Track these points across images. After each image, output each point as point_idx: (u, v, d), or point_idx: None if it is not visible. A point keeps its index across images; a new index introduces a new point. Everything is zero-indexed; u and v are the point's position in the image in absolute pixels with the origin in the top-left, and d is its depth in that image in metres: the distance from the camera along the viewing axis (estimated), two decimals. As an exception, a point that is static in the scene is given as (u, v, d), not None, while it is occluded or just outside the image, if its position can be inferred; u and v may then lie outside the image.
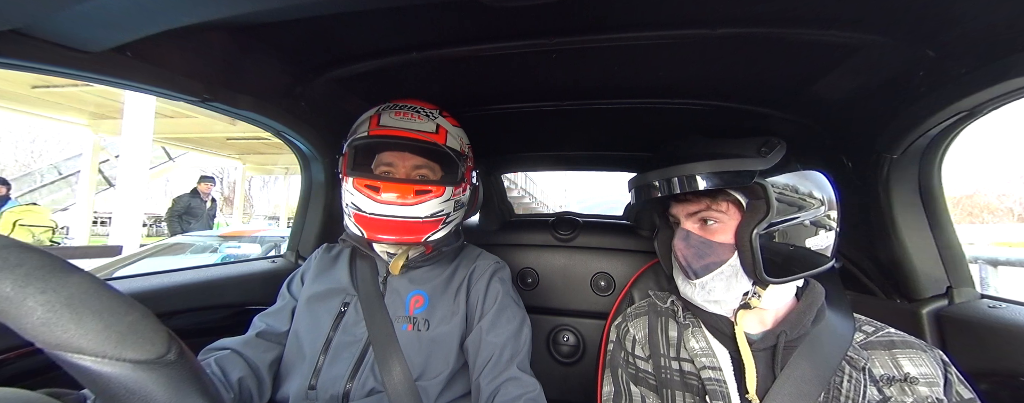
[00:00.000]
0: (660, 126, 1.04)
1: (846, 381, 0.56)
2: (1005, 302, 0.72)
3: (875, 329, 0.63)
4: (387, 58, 0.74)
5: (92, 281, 0.28)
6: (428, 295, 0.78)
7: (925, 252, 0.76)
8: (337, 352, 0.72)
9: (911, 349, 0.58)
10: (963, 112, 0.61)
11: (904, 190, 0.76)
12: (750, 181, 0.58)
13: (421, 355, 0.72)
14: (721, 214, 0.62)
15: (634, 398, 0.67)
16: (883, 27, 0.56)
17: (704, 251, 0.62)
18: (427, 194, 0.73)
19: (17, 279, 0.25)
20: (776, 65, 0.71)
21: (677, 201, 0.66)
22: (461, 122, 0.84)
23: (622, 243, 1.25)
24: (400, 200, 0.71)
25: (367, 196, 0.72)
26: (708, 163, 0.60)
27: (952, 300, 0.74)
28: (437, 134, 0.75)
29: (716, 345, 0.64)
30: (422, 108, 0.77)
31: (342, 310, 0.76)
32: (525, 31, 0.64)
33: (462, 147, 0.80)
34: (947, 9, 0.49)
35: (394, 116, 0.74)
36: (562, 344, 1.22)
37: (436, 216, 0.75)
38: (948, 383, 0.55)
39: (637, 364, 0.70)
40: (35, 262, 0.27)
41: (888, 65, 0.62)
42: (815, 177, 0.63)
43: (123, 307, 0.28)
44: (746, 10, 0.56)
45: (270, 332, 0.77)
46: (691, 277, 0.63)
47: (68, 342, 0.25)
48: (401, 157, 0.77)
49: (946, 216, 0.76)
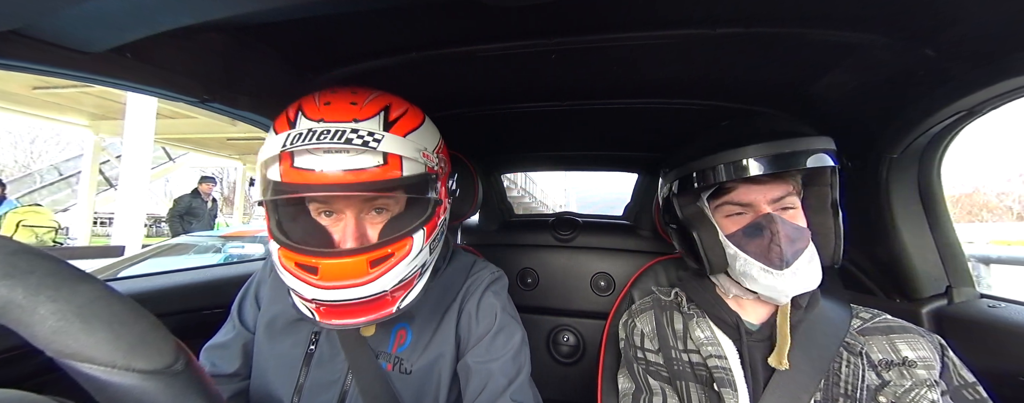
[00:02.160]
0: (660, 126, 1.04)
1: (845, 366, 0.57)
2: (1005, 302, 0.72)
3: (872, 316, 0.64)
4: (387, 58, 0.74)
5: (102, 289, 0.28)
6: (412, 329, 0.64)
7: (925, 252, 0.76)
8: (312, 395, 0.60)
9: (909, 334, 0.59)
10: (962, 111, 0.61)
11: (904, 189, 0.76)
12: (838, 161, 0.60)
13: (410, 397, 0.60)
14: (796, 198, 0.62)
15: (654, 391, 0.66)
16: (883, 26, 0.56)
17: (796, 236, 0.59)
18: (387, 261, 0.50)
19: (29, 287, 0.25)
20: (776, 65, 0.71)
21: (753, 184, 0.60)
22: (461, 122, 0.81)
23: (622, 243, 1.25)
24: (348, 282, 0.49)
25: (299, 279, 0.49)
26: (820, 139, 0.59)
27: (952, 300, 0.74)
28: (385, 166, 0.50)
29: (720, 335, 0.64)
30: (358, 124, 0.50)
31: (312, 341, 0.62)
32: (525, 31, 0.64)
33: (429, 162, 0.54)
34: (946, 9, 0.49)
35: (314, 152, 0.48)
36: (562, 344, 1.22)
37: (407, 278, 0.53)
38: (945, 367, 0.56)
39: (648, 358, 0.70)
40: (46, 268, 0.26)
41: (888, 64, 0.62)
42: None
43: (133, 316, 0.28)
44: (746, 9, 0.56)
45: (217, 373, 0.64)
46: (781, 266, 0.57)
47: (79, 352, 0.25)
48: (346, 198, 0.54)
49: (946, 215, 0.77)
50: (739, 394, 0.59)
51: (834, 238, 0.62)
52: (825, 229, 0.62)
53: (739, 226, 0.62)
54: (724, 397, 0.59)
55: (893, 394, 0.54)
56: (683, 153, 0.68)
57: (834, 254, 0.62)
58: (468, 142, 1.16)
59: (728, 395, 0.59)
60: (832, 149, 0.60)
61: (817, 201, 0.64)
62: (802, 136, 0.59)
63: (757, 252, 0.59)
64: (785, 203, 0.61)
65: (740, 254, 0.61)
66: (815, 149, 0.58)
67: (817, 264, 0.60)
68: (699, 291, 0.70)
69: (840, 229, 0.62)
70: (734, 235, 0.62)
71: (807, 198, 0.65)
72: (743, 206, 0.62)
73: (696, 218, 0.66)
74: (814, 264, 0.60)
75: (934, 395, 0.53)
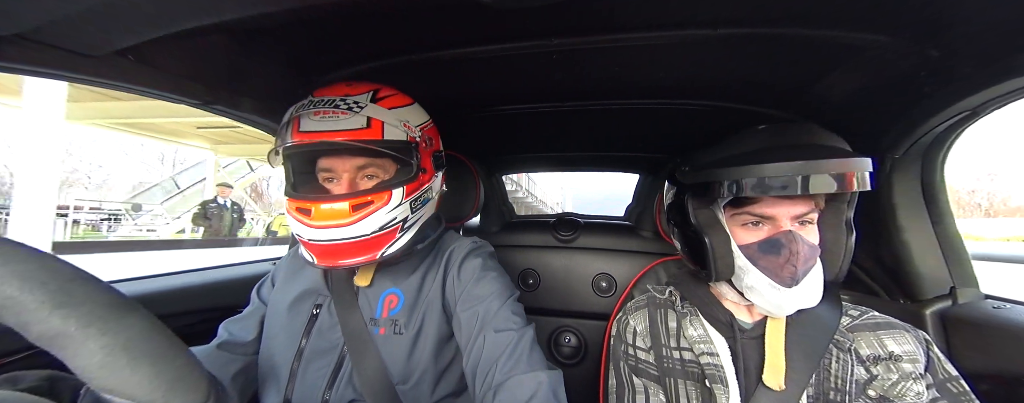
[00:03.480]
0: (663, 127, 1.04)
1: (834, 362, 0.59)
2: (1010, 302, 0.72)
3: (860, 313, 0.64)
4: (388, 60, 0.74)
5: (148, 322, 0.28)
6: (403, 293, 0.70)
7: (928, 252, 0.76)
8: (311, 360, 0.66)
9: (895, 329, 0.60)
10: (965, 112, 0.61)
11: (907, 190, 0.75)
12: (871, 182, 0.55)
13: (400, 359, 0.65)
14: (816, 213, 0.60)
15: (636, 389, 0.68)
16: (886, 27, 0.56)
17: (809, 255, 0.57)
18: (367, 207, 0.61)
19: (81, 318, 0.25)
20: (778, 65, 0.70)
21: (779, 199, 0.58)
22: (462, 124, 0.83)
23: (623, 244, 1.25)
24: (335, 222, 0.60)
25: (300, 221, 0.61)
26: (863, 160, 0.54)
27: (956, 301, 0.74)
28: (368, 129, 0.61)
29: (714, 333, 0.65)
30: (347, 97, 0.63)
31: (314, 313, 0.70)
32: (526, 32, 0.65)
33: (411, 134, 0.66)
34: (950, 9, 0.49)
35: (313, 117, 0.61)
36: (564, 345, 1.22)
37: (388, 227, 0.63)
38: (930, 361, 0.57)
39: (638, 355, 0.71)
40: (98, 299, 0.27)
41: (891, 65, 0.61)
42: None
43: (173, 351, 0.28)
44: (748, 10, 0.56)
45: (234, 342, 0.72)
46: (791, 284, 0.57)
47: (122, 388, 0.25)
48: (340, 161, 0.65)
49: (949, 215, 0.76)
50: (730, 391, 0.59)
51: (842, 255, 0.60)
52: (836, 246, 0.61)
53: (755, 239, 0.59)
54: (716, 393, 0.60)
55: (881, 387, 0.56)
56: (707, 157, 0.64)
57: (839, 271, 0.61)
58: (470, 144, 1.16)
59: (720, 391, 0.60)
60: (871, 170, 0.56)
61: (833, 217, 0.62)
62: (846, 156, 0.55)
63: (769, 268, 0.58)
64: (805, 218, 0.59)
65: (751, 268, 0.59)
66: (857, 170, 0.54)
67: (821, 281, 0.60)
68: (693, 290, 0.70)
69: (851, 247, 0.60)
70: (748, 247, 0.60)
71: (824, 214, 0.62)
72: (763, 218, 0.59)
73: (708, 224, 0.63)
74: (818, 281, 0.59)
75: (919, 387, 0.55)
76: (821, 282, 0.60)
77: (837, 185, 0.53)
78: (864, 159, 0.56)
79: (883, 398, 0.55)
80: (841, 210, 0.62)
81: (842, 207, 0.62)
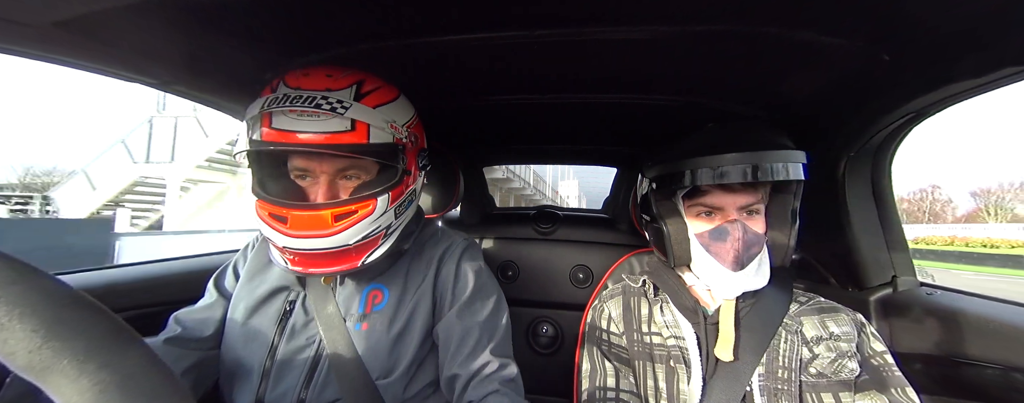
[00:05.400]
0: (639, 121, 1.06)
1: (783, 343, 0.65)
2: (941, 290, 0.79)
3: (808, 299, 0.71)
4: (361, 45, 0.72)
5: (148, 356, 0.26)
6: (387, 288, 0.67)
7: (874, 244, 0.82)
8: (285, 358, 0.62)
9: (836, 313, 0.68)
10: (912, 113, 0.66)
11: (858, 186, 0.81)
12: (805, 173, 0.64)
13: (382, 355, 0.63)
14: (762, 205, 0.68)
15: (607, 372, 0.73)
16: (845, 31, 0.59)
17: (753, 241, 0.65)
18: (350, 216, 0.56)
19: (78, 353, 0.23)
20: (747, 64, 0.73)
21: (726, 191, 0.65)
22: (441, 114, 0.81)
23: (600, 236, 1.28)
24: (314, 232, 0.55)
25: (272, 227, 0.56)
26: (795, 152, 0.63)
27: (896, 288, 0.81)
28: (352, 132, 0.55)
29: (681, 318, 0.70)
30: (330, 93, 0.55)
31: (288, 309, 0.65)
32: (505, 22, 0.64)
33: (398, 135, 0.60)
34: (899, 16, 0.52)
35: (289, 114, 0.54)
36: (541, 335, 1.24)
37: (371, 236, 0.59)
38: (862, 340, 0.65)
39: (611, 340, 0.75)
40: (101, 329, 0.24)
41: (847, 66, 0.65)
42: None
43: (169, 387, 0.26)
44: (722, 8, 0.58)
45: (187, 337, 0.66)
46: (736, 268, 0.64)
47: None
48: (318, 162, 0.59)
49: (894, 211, 0.83)
50: (693, 370, 0.65)
51: (787, 243, 0.68)
52: (781, 235, 0.68)
53: (707, 228, 0.67)
54: (679, 373, 0.66)
55: (821, 365, 0.63)
56: (667, 152, 0.72)
57: (785, 258, 0.68)
58: (449, 135, 1.15)
59: (683, 371, 0.66)
60: (805, 162, 0.64)
61: (779, 208, 0.69)
62: (780, 149, 0.64)
63: (718, 253, 0.65)
64: (752, 208, 0.67)
65: (703, 253, 0.67)
66: (792, 162, 0.63)
67: (767, 267, 0.67)
68: (665, 279, 0.75)
69: (794, 236, 0.68)
70: (702, 235, 0.68)
71: (771, 205, 0.70)
72: (714, 209, 0.67)
73: (669, 214, 0.72)
74: (764, 267, 0.67)
75: (853, 364, 0.62)
76: (767, 266, 0.67)
77: (768, 176, 0.61)
78: (797, 152, 0.64)
79: (821, 374, 0.62)
80: (787, 201, 0.68)
81: (788, 198, 0.68)
